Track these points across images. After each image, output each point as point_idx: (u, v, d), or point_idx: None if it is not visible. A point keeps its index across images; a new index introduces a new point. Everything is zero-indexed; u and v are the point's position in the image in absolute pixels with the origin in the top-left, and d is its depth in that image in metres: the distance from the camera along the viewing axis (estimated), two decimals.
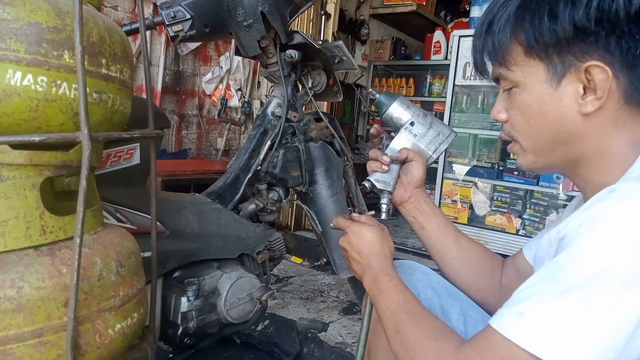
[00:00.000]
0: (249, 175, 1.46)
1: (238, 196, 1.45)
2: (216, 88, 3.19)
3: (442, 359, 0.61)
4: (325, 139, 1.65)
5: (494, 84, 0.75)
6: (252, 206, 1.48)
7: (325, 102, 3.21)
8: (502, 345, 0.54)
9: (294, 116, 1.54)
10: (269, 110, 1.53)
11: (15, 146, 0.62)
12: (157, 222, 1.21)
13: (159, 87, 2.90)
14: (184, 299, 1.24)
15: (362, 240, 0.84)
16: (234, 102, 3.19)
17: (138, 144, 1.15)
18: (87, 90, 0.63)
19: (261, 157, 1.48)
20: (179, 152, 3.10)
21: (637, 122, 0.63)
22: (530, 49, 0.65)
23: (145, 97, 0.93)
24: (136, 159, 1.15)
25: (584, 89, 0.63)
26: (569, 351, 0.50)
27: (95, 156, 0.73)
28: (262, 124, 1.52)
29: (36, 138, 0.59)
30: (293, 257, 3.23)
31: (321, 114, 1.61)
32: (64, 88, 0.63)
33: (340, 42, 1.54)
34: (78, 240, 0.62)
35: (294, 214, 3.41)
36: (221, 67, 3.19)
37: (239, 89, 3.24)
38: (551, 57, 0.64)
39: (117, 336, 0.71)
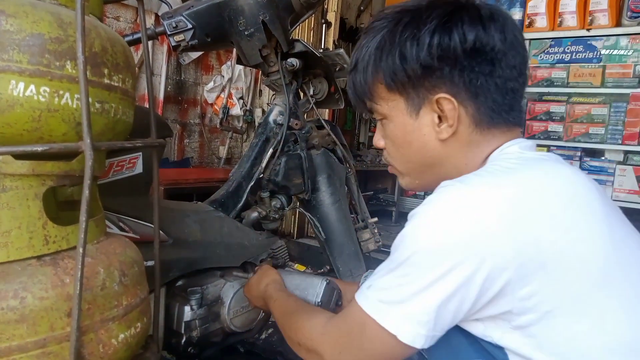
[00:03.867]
0: (252, 184, 1.46)
1: (241, 204, 1.45)
2: (218, 97, 3.20)
3: (313, 331, 0.77)
4: (327, 147, 1.64)
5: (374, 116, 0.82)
6: (254, 214, 1.47)
7: (327, 110, 3.22)
8: (357, 311, 0.68)
9: (296, 124, 1.54)
10: (271, 118, 1.53)
11: (18, 156, 0.62)
12: (160, 231, 1.21)
13: (161, 96, 2.91)
14: (187, 308, 1.23)
15: (248, 287, 1.21)
16: (236, 110, 3.20)
17: (140, 153, 1.15)
18: (90, 100, 0.63)
19: (263, 165, 1.48)
20: (181, 160, 3.11)
21: (488, 139, 0.72)
22: (389, 86, 0.73)
23: (147, 106, 0.93)
24: (139, 168, 1.15)
25: (439, 118, 0.71)
26: (391, 313, 0.64)
27: (97, 166, 0.73)
28: (264, 132, 1.52)
29: (39, 148, 0.59)
30: (296, 264, 3.21)
31: (323, 121, 1.61)
32: (67, 98, 0.63)
33: (341, 50, 1.55)
34: (81, 250, 0.62)
35: (296, 221, 3.40)
36: (223, 76, 3.20)
37: (241, 98, 3.25)
38: (408, 91, 0.72)
39: (121, 346, 0.70)
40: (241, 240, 1.41)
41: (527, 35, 3.20)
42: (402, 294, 0.63)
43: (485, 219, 0.60)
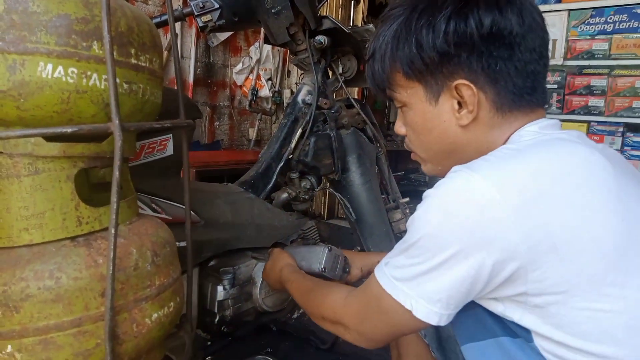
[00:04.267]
0: (281, 164, 1.45)
1: (270, 185, 1.44)
2: (247, 78, 3.19)
3: (336, 304, 0.81)
4: (357, 126, 1.62)
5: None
6: (284, 195, 1.47)
7: (356, 88, 3.17)
8: (375, 285, 0.71)
9: (325, 103, 1.51)
10: (300, 98, 1.51)
11: (49, 138, 0.62)
12: (192, 212, 1.22)
13: (190, 79, 2.92)
14: (220, 288, 1.25)
15: (265, 273, 1.24)
16: (265, 92, 3.19)
17: (171, 135, 1.15)
18: (117, 80, 0.62)
19: (293, 145, 1.47)
20: (211, 143, 3.13)
21: (509, 121, 0.71)
22: (407, 74, 0.72)
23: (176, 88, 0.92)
24: (169, 150, 1.15)
25: (459, 104, 0.70)
26: (404, 290, 0.67)
27: (127, 147, 0.73)
28: (293, 112, 1.50)
29: (68, 129, 0.59)
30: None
31: (352, 100, 1.58)
32: (94, 79, 0.63)
33: (371, 26, 1.50)
34: (113, 231, 0.62)
35: (326, 202, 3.39)
36: (251, 58, 3.19)
37: (269, 79, 3.23)
38: (426, 79, 0.71)
39: (154, 325, 0.71)
40: (271, 221, 1.41)
41: (566, 5, 3.05)
42: (413, 273, 0.66)
43: (490, 205, 0.59)
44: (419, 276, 0.65)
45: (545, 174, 0.62)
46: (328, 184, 1.63)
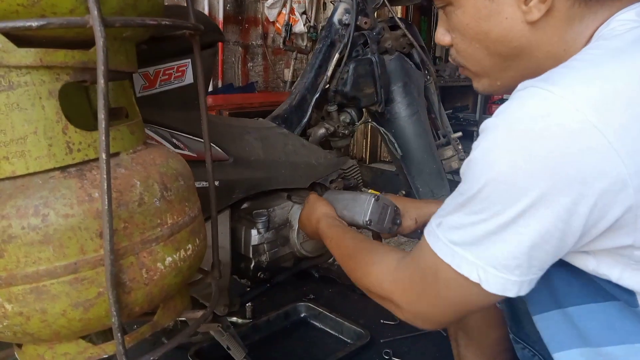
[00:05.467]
0: (317, 96, 1.31)
1: (305, 120, 1.31)
2: (279, 13, 3.00)
3: (384, 278, 0.67)
4: (403, 50, 1.43)
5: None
6: (321, 130, 1.34)
7: (400, 7, 2.91)
8: (428, 253, 0.58)
9: (365, 23, 1.33)
10: (336, 18, 1.34)
11: (20, 41, 0.50)
12: (219, 149, 1.11)
13: (220, 16, 2.77)
14: (254, 232, 1.16)
15: (302, 224, 1.09)
16: (299, 27, 2.99)
17: (189, 60, 1.02)
18: None
19: (329, 73, 1.31)
20: (246, 85, 3.02)
21: (594, 10, 0.56)
22: None
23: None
24: (189, 78, 1.03)
25: None
26: (468, 258, 0.53)
27: (121, 56, 0.60)
28: (329, 35, 1.34)
29: (34, 23, 0.46)
30: (370, 190, 3.10)
31: (397, 19, 1.39)
32: None
33: None
34: (104, 155, 0.50)
35: (368, 145, 3.26)
36: None
37: (304, 12, 3.02)
38: None
39: (169, 271, 0.61)
40: (308, 159, 1.29)
41: None
42: (478, 234, 0.53)
43: (584, 131, 0.46)
44: (487, 237, 0.52)
45: None
46: (370, 118, 1.49)
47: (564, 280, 0.58)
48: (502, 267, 0.52)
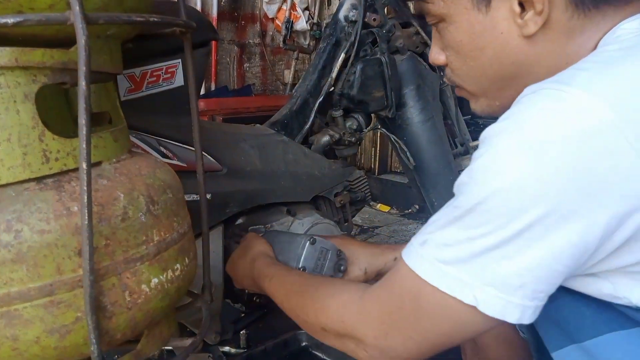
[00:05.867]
0: (320, 99, 1.33)
1: (307, 126, 1.33)
2: (279, 9, 3.04)
3: (346, 311, 0.65)
4: (415, 49, 1.45)
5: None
6: (325, 138, 1.35)
7: (413, 2, 2.94)
8: (407, 277, 0.57)
9: (374, 19, 1.35)
10: (342, 14, 1.36)
11: None
12: (212, 159, 1.12)
13: (214, 12, 2.80)
14: None
15: (231, 264, 1.05)
16: (301, 24, 3.02)
17: (179, 60, 1.03)
18: None
19: (334, 75, 1.33)
20: (241, 88, 3.06)
21: (596, 21, 0.58)
22: None
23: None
24: (179, 80, 1.04)
25: (520, 4, 0.58)
26: (461, 278, 0.52)
27: (105, 55, 0.61)
28: (334, 34, 1.36)
29: (9, 20, 0.47)
30: (379, 204, 3.10)
31: (410, 16, 1.40)
32: None
33: None
34: (84, 165, 0.50)
35: (377, 154, 3.27)
36: None
37: (306, 9, 3.06)
38: None
39: (155, 293, 0.61)
40: (310, 170, 1.30)
41: None
42: (475, 250, 0.51)
43: (601, 130, 0.46)
44: (487, 253, 0.51)
45: None
46: (379, 124, 1.49)
47: (574, 311, 0.57)
48: (503, 286, 0.51)
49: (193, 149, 1.03)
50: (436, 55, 0.70)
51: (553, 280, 0.51)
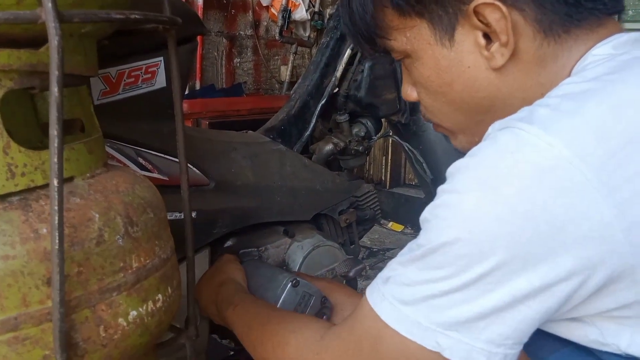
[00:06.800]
0: (323, 102, 1.37)
1: (308, 132, 1.37)
2: None
3: (305, 349, 0.71)
4: None
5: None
6: (329, 147, 1.39)
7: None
8: (369, 317, 0.62)
9: None
10: None
11: None
12: (197, 171, 1.14)
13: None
14: None
15: (199, 286, 1.09)
16: (301, 13, 3.06)
17: (161, 58, 1.05)
18: None
19: (338, 74, 1.38)
20: (231, 87, 3.10)
21: (568, 46, 0.64)
22: (400, 8, 0.67)
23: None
24: (160, 81, 1.06)
25: (485, 36, 0.64)
26: (421, 322, 0.57)
27: (79, 56, 0.63)
28: (339, 26, 1.40)
29: None
30: (391, 223, 3.12)
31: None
32: None
33: None
34: (55, 182, 0.52)
35: (389, 164, 3.30)
36: None
37: None
38: (430, 8, 0.65)
39: (133, 328, 0.62)
40: (311, 184, 1.33)
41: None
42: (436, 291, 0.57)
43: (558, 168, 0.52)
44: (446, 296, 0.56)
45: (633, 109, 0.54)
46: (391, 130, 1.52)
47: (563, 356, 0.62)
48: (466, 330, 0.55)
49: (176, 160, 1.05)
50: (408, 92, 0.77)
51: (520, 326, 0.55)
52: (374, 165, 3.31)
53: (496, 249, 0.53)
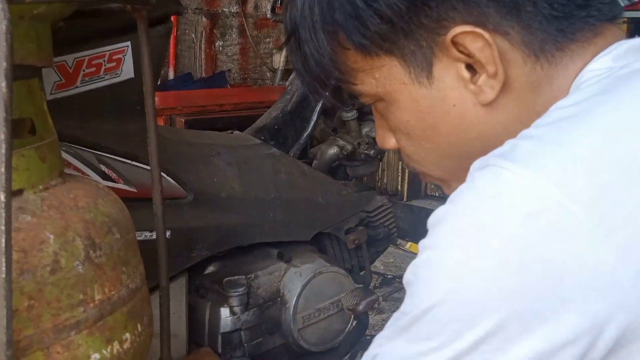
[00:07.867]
0: None
1: (308, 133, 1.39)
2: None
3: None
4: None
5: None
6: (333, 150, 1.40)
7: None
8: None
9: None
10: None
11: None
12: (172, 181, 1.15)
13: None
14: (224, 311, 1.21)
15: None
16: None
17: (128, 44, 1.07)
18: None
19: None
20: (212, 76, 3.11)
21: (564, 65, 0.66)
22: (363, 47, 0.69)
23: None
24: (127, 71, 1.07)
25: (469, 68, 0.66)
26: None
27: (30, 43, 0.64)
28: None
29: None
30: (409, 243, 3.13)
31: None
32: None
33: None
34: (3, 197, 0.53)
35: (407, 172, 3.30)
36: None
37: None
38: (399, 44, 0.68)
39: None
40: (311, 196, 1.35)
41: None
42: None
43: (546, 209, 0.53)
44: None
45: (629, 133, 0.57)
46: None
47: None
48: None
49: (147, 167, 1.07)
50: (383, 140, 0.79)
51: None
52: (388, 173, 3.31)
53: (488, 311, 0.54)
